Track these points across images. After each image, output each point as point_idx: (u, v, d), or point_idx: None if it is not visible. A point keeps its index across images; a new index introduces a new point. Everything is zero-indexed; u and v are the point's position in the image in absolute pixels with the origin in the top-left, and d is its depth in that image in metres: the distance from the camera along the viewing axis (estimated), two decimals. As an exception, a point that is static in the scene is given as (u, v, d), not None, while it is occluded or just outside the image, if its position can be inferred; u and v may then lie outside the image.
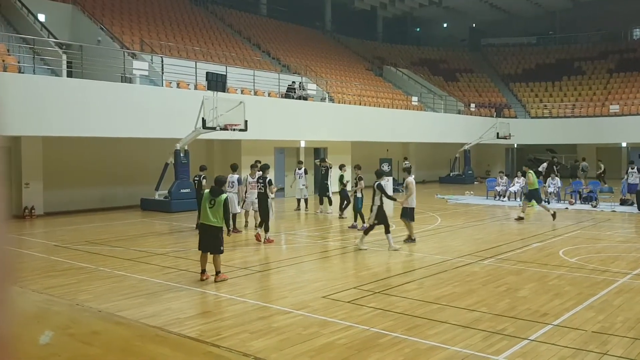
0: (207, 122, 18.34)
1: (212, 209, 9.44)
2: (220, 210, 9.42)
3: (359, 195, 16.23)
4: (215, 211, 9.43)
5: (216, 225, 9.47)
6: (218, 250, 9.48)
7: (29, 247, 13.84)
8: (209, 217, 9.46)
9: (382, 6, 46.07)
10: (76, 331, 4.22)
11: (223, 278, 9.54)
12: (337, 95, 29.38)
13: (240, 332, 6.89)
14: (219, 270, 9.51)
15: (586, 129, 36.21)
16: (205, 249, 9.53)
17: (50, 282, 9.61)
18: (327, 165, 20.44)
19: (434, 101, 36.66)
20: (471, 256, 11.93)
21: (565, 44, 47.10)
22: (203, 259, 9.60)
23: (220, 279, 9.47)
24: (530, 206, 21.86)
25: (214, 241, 9.48)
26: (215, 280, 9.44)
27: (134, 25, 26.42)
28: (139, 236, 15.12)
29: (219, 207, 9.42)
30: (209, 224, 9.48)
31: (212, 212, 9.43)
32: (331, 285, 9.44)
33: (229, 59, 27.25)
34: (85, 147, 20.54)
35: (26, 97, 16.30)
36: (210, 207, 9.45)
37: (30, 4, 21.94)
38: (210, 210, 9.44)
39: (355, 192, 16.35)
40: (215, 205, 9.44)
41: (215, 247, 9.47)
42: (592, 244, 13.62)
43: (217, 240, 9.49)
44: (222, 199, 9.48)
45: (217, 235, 9.50)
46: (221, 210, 9.42)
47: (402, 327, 7.07)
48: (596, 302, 8.29)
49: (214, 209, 9.44)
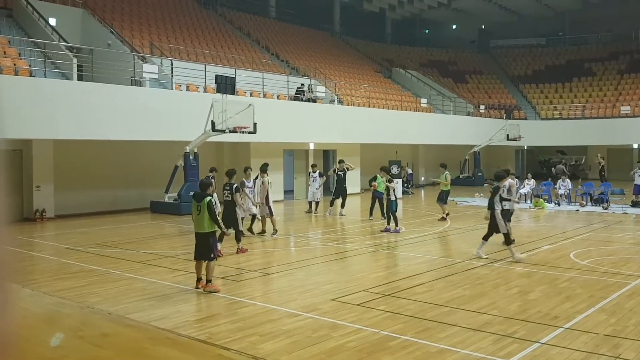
0: (216, 124, 18.37)
1: (199, 215, 9.15)
2: (206, 214, 9.08)
3: (392, 197, 15.92)
4: (202, 217, 9.12)
5: (205, 231, 9.16)
6: (208, 257, 9.12)
7: (40, 249, 13.94)
8: (198, 224, 9.21)
9: (391, 8, 46.02)
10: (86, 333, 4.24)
11: (213, 289, 9.03)
12: (346, 98, 29.36)
13: (250, 335, 6.89)
14: (209, 279, 9.11)
15: (597, 131, 35.95)
16: (199, 256, 9.25)
17: (61, 285, 9.66)
18: (346, 168, 20.37)
19: (443, 103, 36.55)
20: (481, 258, 11.87)
21: (575, 45, 46.85)
22: (198, 266, 9.29)
23: (209, 289, 9.02)
24: (540, 208, 21.80)
25: (205, 248, 9.16)
26: (203, 289, 9.04)
27: (144, 29, 26.55)
28: (149, 239, 15.17)
29: (204, 211, 9.10)
30: (199, 231, 9.23)
31: (199, 219, 9.16)
32: (341, 287, 9.42)
33: (238, 61, 27.31)
34: (95, 150, 20.64)
35: (37, 100, 16.41)
36: (198, 214, 9.17)
37: (42, 8, 22.11)
38: (198, 217, 9.19)
39: (389, 195, 16.06)
40: (201, 210, 9.14)
41: (205, 254, 9.14)
42: (604, 247, 13.53)
43: (208, 247, 9.15)
44: (206, 201, 9.12)
45: (207, 241, 9.17)
46: (206, 214, 9.07)
47: (412, 330, 7.04)
48: (608, 305, 8.22)
49: (200, 215, 9.14)
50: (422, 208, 23.79)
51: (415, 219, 19.19)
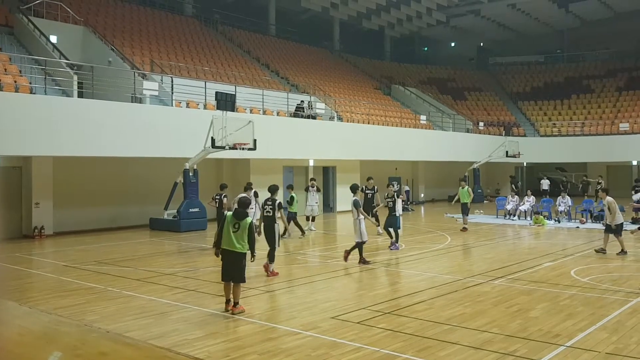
0: (216, 141, 18.41)
1: (237, 233, 8.75)
2: (245, 234, 8.76)
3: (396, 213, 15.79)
4: (239, 236, 8.76)
5: (240, 251, 8.79)
6: (241, 279, 8.82)
7: (38, 266, 13.88)
8: (233, 242, 8.76)
9: (390, 26, 46.36)
10: (84, 352, 4.19)
11: (241, 310, 8.77)
12: (345, 114, 29.45)
13: (249, 353, 6.83)
14: (237, 301, 8.80)
15: (596, 148, 36.01)
16: (228, 277, 8.83)
17: (59, 303, 9.60)
18: (374, 188, 19.02)
19: (442, 120, 36.66)
20: (482, 276, 11.83)
21: (574, 62, 47.12)
22: (227, 288, 8.88)
23: (238, 311, 8.72)
24: (540, 225, 21.75)
25: (238, 269, 8.80)
26: (232, 312, 8.70)
27: (144, 46, 26.70)
28: (148, 256, 15.11)
29: (244, 231, 8.76)
30: (232, 249, 8.78)
31: (236, 237, 8.75)
32: (340, 305, 9.37)
33: (238, 78, 27.43)
34: (95, 167, 20.65)
35: (37, 117, 16.45)
36: (235, 232, 8.76)
37: (43, 25, 22.25)
38: (234, 235, 8.76)
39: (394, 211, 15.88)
40: (239, 229, 8.77)
41: (239, 276, 8.80)
42: (604, 264, 13.47)
43: (241, 268, 8.83)
44: (247, 222, 8.82)
45: (241, 262, 8.83)
46: (246, 235, 8.77)
47: (413, 349, 6.99)
48: (609, 322, 8.17)
49: (238, 233, 8.76)
50: (422, 225, 23.74)
51: (416, 236, 19.13)
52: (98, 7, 28.87)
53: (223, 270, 8.92)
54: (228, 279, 8.85)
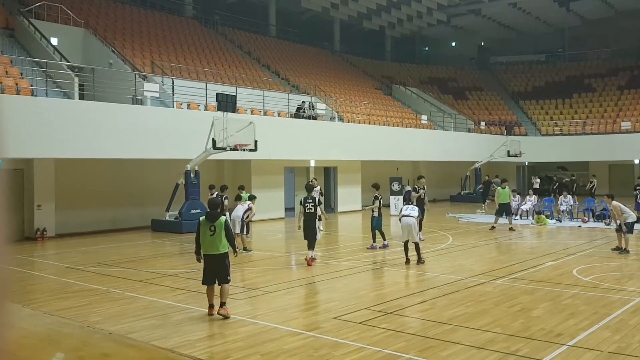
0: (217, 142, 18.42)
1: (214, 235, 8.61)
2: (223, 234, 8.61)
3: (375, 214, 15.95)
4: (217, 237, 8.61)
5: (222, 252, 8.67)
6: (225, 280, 8.66)
7: (40, 268, 13.90)
8: (213, 245, 8.63)
9: (391, 26, 46.34)
10: (87, 353, 4.20)
11: (226, 312, 8.54)
12: (346, 115, 29.45)
13: (251, 354, 6.84)
14: (224, 301, 8.62)
15: (598, 147, 35.97)
16: (213, 280, 8.70)
17: (62, 304, 9.61)
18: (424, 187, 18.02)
19: (443, 119, 36.65)
20: (484, 275, 11.82)
21: (575, 61, 47.06)
22: (210, 292, 8.74)
23: (224, 312, 8.53)
24: (542, 224, 21.73)
25: (222, 270, 8.66)
26: (218, 313, 8.55)
27: (145, 48, 26.73)
28: (150, 257, 15.12)
29: (221, 231, 8.61)
30: (214, 253, 8.66)
31: (214, 240, 8.62)
32: (342, 305, 9.36)
33: (238, 79, 27.45)
34: (96, 169, 20.67)
35: (39, 119, 16.47)
36: (212, 234, 8.61)
37: (43, 28, 22.27)
38: (212, 238, 8.62)
39: (372, 211, 16.09)
40: (215, 230, 8.62)
41: (223, 277, 8.65)
42: (606, 263, 13.46)
43: (225, 268, 8.67)
44: (222, 221, 8.69)
45: (223, 262, 8.68)
46: (223, 234, 8.62)
47: (415, 349, 6.98)
48: (612, 321, 8.16)
49: (215, 235, 8.61)
50: (424, 225, 23.68)
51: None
52: (98, 9, 28.92)
53: (205, 274, 8.79)
54: (211, 282, 8.72)
